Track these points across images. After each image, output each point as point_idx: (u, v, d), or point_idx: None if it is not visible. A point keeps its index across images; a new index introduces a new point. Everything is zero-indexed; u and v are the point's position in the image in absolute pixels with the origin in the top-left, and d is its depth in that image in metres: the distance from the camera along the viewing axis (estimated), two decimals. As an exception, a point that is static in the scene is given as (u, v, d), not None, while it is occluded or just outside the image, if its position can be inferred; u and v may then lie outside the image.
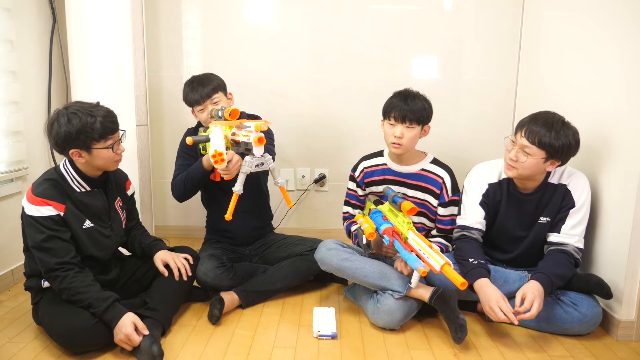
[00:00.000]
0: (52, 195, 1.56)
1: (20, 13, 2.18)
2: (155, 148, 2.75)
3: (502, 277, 1.80)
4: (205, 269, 1.93)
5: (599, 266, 1.82)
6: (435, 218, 1.95)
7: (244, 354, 1.61)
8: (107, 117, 1.57)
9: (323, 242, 1.89)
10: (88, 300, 1.52)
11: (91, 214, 1.65)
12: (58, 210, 1.56)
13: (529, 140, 1.65)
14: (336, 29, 2.67)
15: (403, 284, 1.73)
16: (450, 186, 1.91)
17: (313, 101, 2.73)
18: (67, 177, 1.62)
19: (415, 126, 1.83)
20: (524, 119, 1.72)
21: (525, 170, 1.68)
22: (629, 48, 1.71)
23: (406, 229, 1.66)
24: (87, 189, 1.65)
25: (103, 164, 1.62)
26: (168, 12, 2.66)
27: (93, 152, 1.57)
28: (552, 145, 1.62)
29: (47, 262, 1.53)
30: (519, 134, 1.69)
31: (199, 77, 2.04)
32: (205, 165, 1.90)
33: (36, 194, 1.55)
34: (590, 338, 1.72)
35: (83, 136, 1.53)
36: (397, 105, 1.82)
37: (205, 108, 2.00)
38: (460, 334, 1.63)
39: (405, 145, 1.84)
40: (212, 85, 2.00)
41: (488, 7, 2.63)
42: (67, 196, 1.60)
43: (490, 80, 2.69)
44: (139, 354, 1.52)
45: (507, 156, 1.73)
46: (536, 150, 1.64)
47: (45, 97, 2.38)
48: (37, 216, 1.53)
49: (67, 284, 1.52)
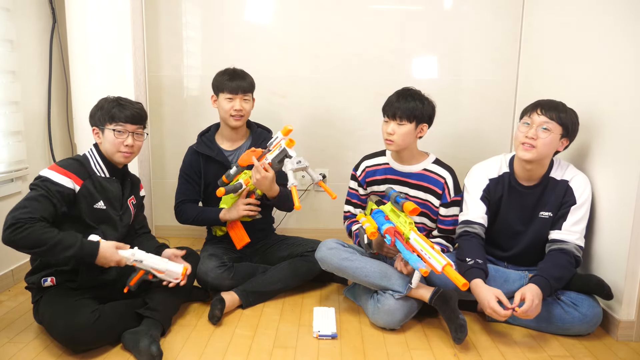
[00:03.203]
0: (75, 170, 1.63)
1: (20, 13, 2.18)
2: (155, 148, 2.75)
3: (502, 276, 1.80)
4: (206, 268, 1.93)
5: (599, 266, 1.82)
6: (437, 218, 1.95)
7: (244, 354, 1.61)
8: (126, 107, 1.70)
9: (324, 242, 1.89)
10: (57, 237, 1.48)
11: (106, 197, 1.70)
12: (76, 184, 1.61)
13: (548, 116, 1.70)
14: (336, 29, 2.67)
15: (404, 284, 1.73)
16: (453, 187, 1.91)
17: (313, 101, 2.73)
18: (90, 160, 1.71)
19: (406, 123, 1.83)
20: (529, 105, 1.78)
21: (544, 147, 1.70)
22: (629, 48, 1.71)
23: (408, 229, 1.66)
24: (107, 175, 1.72)
25: (109, 148, 1.70)
26: (168, 12, 2.66)
27: (105, 133, 1.69)
28: (567, 120, 1.71)
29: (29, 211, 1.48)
30: (535, 114, 1.72)
31: (240, 71, 2.11)
32: (222, 219, 2.02)
33: (60, 164, 1.63)
34: (590, 338, 1.72)
35: (100, 114, 1.69)
36: (390, 103, 1.87)
37: (234, 99, 2.05)
38: (461, 334, 1.63)
39: (397, 142, 1.84)
40: (249, 82, 2.09)
41: (488, 7, 2.63)
42: (88, 175, 1.67)
43: (490, 80, 2.69)
44: (138, 354, 1.52)
45: (522, 138, 1.73)
46: (555, 125, 1.70)
47: (45, 97, 2.38)
48: (51, 179, 1.57)
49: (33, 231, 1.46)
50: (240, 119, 2.07)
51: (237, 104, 2.04)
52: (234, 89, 2.04)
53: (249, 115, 2.13)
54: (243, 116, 2.07)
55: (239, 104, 2.04)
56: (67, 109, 2.54)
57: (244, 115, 2.08)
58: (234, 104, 2.04)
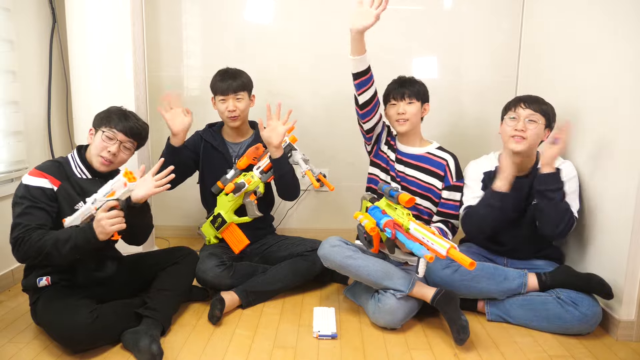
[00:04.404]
0: (52, 172, 1.63)
1: (20, 13, 2.18)
2: (155, 148, 2.75)
3: (501, 274, 1.80)
4: (205, 267, 1.93)
5: (599, 266, 1.82)
6: (439, 202, 1.96)
7: (244, 354, 1.61)
8: (128, 119, 1.71)
9: (326, 239, 1.88)
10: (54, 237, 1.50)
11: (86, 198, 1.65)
12: (53, 184, 1.61)
13: (532, 108, 1.81)
14: (336, 29, 2.66)
15: (406, 283, 1.73)
16: (455, 170, 1.95)
17: (313, 101, 2.73)
18: (71, 163, 1.70)
19: (415, 101, 1.94)
20: (510, 101, 1.90)
21: (534, 137, 1.80)
22: (629, 47, 1.71)
23: (407, 220, 1.63)
24: (88, 177, 1.70)
25: (92, 149, 1.69)
26: (168, 12, 2.66)
27: (96, 134, 1.70)
28: (549, 111, 1.83)
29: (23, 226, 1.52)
30: (520, 108, 1.83)
31: (232, 70, 2.12)
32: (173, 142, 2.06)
33: (37, 167, 1.64)
34: (590, 338, 1.72)
35: (102, 116, 1.72)
36: (395, 87, 1.98)
37: (226, 100, 2.05)
38: (463, 335, 1.63)
39: (411, 120, 1.93)
40: (241, 81, 2.08)
41: (488, 7, 2.63)
42: (67, 177, 1.66)
43: (490, 80, 2.69)
44: (139, 353, 1.52)
45: (511, 131, 1.81)
46: (540, 116, 1.80)
47: (45, 97, 2.38)
48: (31, 185, 1.59)
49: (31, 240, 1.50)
50: (236, 119, 2.07)
51: (230, 104, 2.04)
52: (225, 90, 2.04)
53: (246, 114, 2.12)
54: (238, 116, 2.07)
55: (232, 104, 2.04)
56: (67, 109, 2.54)
57: (239, 115, 2.07)
58: (227, 105, 2.05)
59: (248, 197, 2.06)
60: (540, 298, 1.75)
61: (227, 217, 2.07)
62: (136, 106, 2.24)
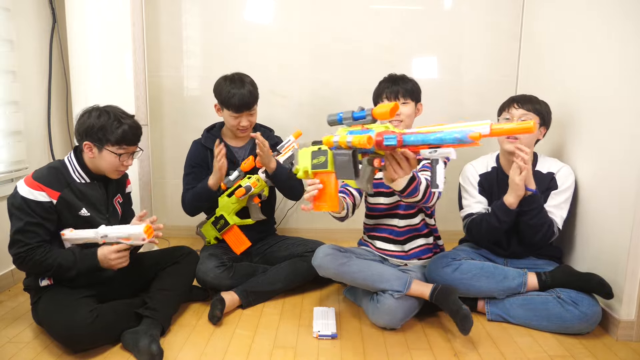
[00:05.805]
0: (49, 182, 1.59)
1: (20, 13, 2.18)
2: (155, 148, 2.75)
3: (501, 273, 1.80)
4: (206, 268, 1.93)
5: (599, 265, 1.82)
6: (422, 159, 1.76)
7: (244, 354, 1.61)
8: (131, 129, 1.64)
9: (319, 248, 1.84)
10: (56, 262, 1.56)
11: (89, 203, 1.67)
12: (51, 197, 1.58)
13: (525, 108, 1.84)
14: (336, 29, 2.67)
15: (402, 283, 1.72)
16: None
17: (313, 101, 2.73)
18: (69, 167, 1.67)
19: (410, 102, 1.88)
20: (504, 102, 1.92)
21: (528, 137, 1.82)
22: (628, 46, 1.71)
23: (393, 128, 1.29)
24: (88, 181, 1.69)
25: (106, 168, 1.66)
26: (168, 12, 2.66)
27: (103, 153, 1.63)
28: (542, 110, 1.86)
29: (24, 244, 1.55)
30: (513, 108, 1.86)
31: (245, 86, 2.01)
32: (211, 184, 2.01)
33: (34, 177, 1.59)
34: (590, 338, 1.72)
35: (102, 134, 1.60)
36: (387, 86, 1.90)
37: (239, 117, 2.04)
38: (466, 324, 1.62)
39: (405, 121, 1.87)
40: (255, 97, 2.06)
41: (488, 7, 2.63)
42: (67, 184, 1.63)
43: (490, 80, 2.69)
44: (138, 353, 1.52)
45: None
46: (533, 116, 1.84)
47: (45, 97, 2.38)
48: (29, 198, 1.56)
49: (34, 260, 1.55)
50: (246, 131, 2.10)
51: (243, 120, 2.06)
52: (239, 108, 2.02)
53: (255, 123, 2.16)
54: (249, 128, 2.11)
55: (245, 120, 2.06)
56: (67, 109, 2.54)
57: (250, 128, 2.11)
58: (240, 121, 2.06)
59: (252, 200, 2.07)
60: (540, 298, 1.75)
61: (230, 219, 2.07)
62: (136, 106, 2.25)
